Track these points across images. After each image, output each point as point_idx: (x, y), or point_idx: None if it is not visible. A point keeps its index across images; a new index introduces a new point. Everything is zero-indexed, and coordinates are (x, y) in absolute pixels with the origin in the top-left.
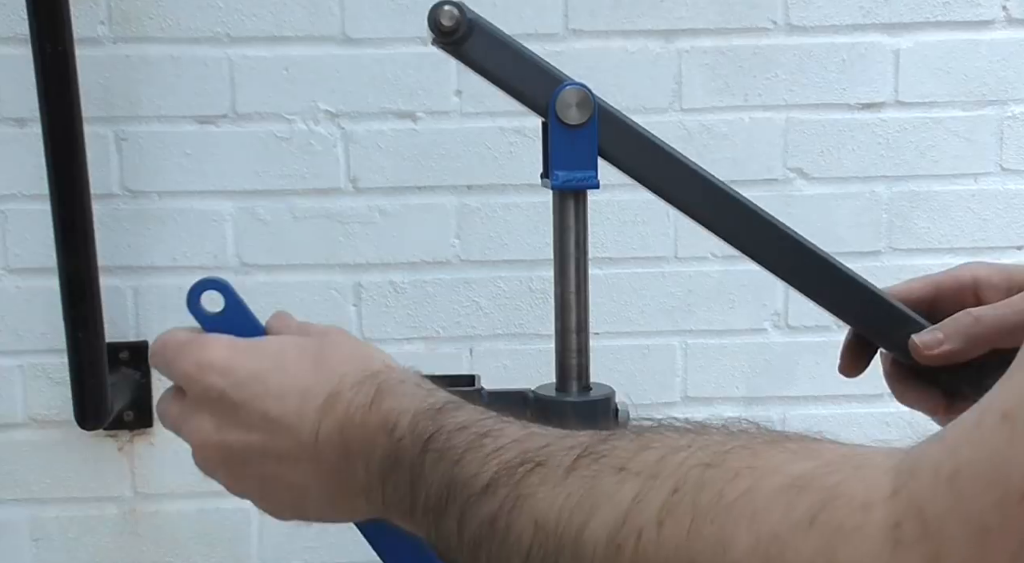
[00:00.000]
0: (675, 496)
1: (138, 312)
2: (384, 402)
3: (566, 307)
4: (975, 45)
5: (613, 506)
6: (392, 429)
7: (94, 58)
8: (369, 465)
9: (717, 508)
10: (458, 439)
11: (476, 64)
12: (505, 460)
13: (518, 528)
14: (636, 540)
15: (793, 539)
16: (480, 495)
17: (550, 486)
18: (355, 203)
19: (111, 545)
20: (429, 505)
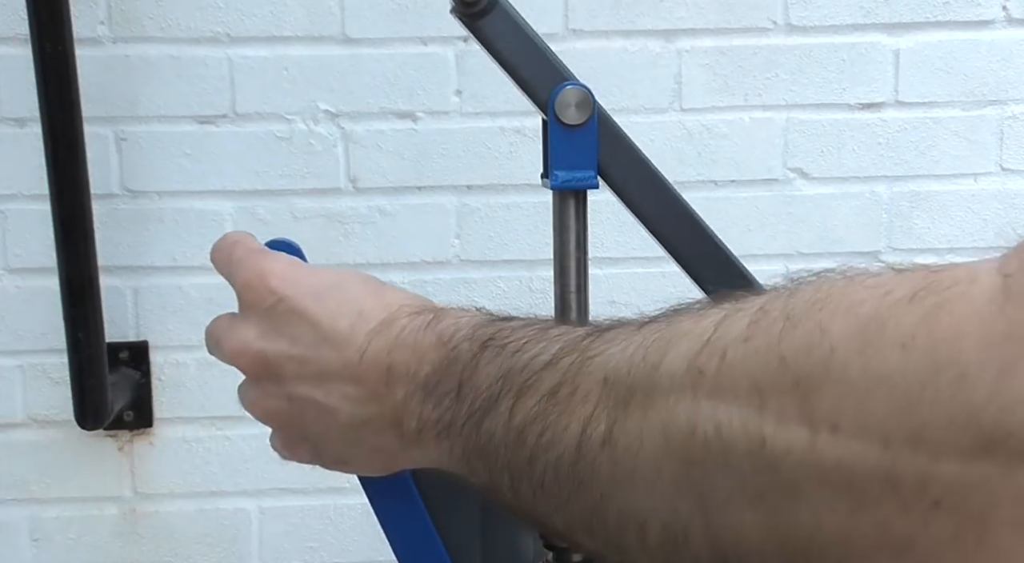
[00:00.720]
0: (762, 311)
1: (138, 312)
2: (442, 322)
3: (566, 307)
4: (975, 45)
5: (693, 337)
6: (447, 340)
7: (94, 58)
8: (411, 385)
9: (810, 307)
10: (519, 334)
11: (489, 42)
12: (571, 337)
13: (583, 390)
14: (720, 360)
15: (892, 315)
16: (541, 371)
17: (620, 341)
18: (355, 203)
19: (111, 545)
20: (475, 407)
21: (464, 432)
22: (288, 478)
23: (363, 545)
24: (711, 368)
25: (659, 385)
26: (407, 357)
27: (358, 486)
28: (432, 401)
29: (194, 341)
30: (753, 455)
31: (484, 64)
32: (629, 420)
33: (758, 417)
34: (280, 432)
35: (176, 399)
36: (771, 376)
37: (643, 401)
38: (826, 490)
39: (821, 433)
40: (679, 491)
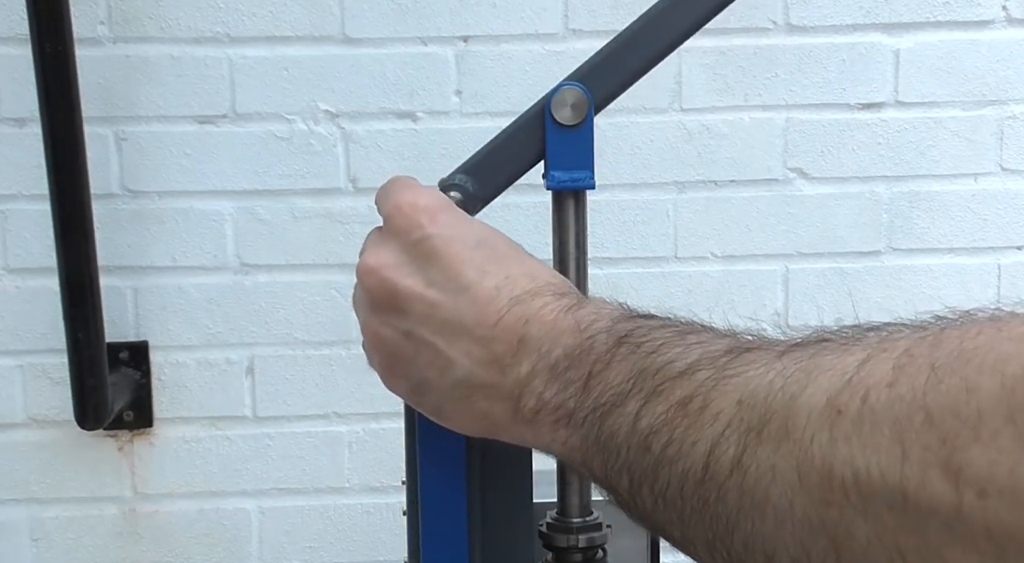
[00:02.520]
0: (907, 355)
1: (138, 312)
2: (583, 309)
3: None
4: (975, 45)
5: (834, 373)
6: (584, 329)
7: (94, 58)
8: (539, 363)
9: (957, 361)
10: (658, 334)
11: None
12: (710, 350)
13: (715, 407)
14: (861, 402)
15: None
16: (675, 379)
17: (759, 365)
18: (355, 203)
19: (111, 545)
20: (602, 401)
21: (585, 425)
22: (288, 478)
23: (363, 545)
24: (852, 410)
25: (796, 418)
26: (542, 333)
27: (358, 486)
28: (557, 385)
29: (194, 341)
30: (895, 509)
31: (484, 64)
32: (761, 449)
33: (899, 470)
34: (384, 361)
35: (176, 399)
36: (915, 430)
37: (777, 432)
38: (972, 555)
39: (968, 496)
40: (812, 531)
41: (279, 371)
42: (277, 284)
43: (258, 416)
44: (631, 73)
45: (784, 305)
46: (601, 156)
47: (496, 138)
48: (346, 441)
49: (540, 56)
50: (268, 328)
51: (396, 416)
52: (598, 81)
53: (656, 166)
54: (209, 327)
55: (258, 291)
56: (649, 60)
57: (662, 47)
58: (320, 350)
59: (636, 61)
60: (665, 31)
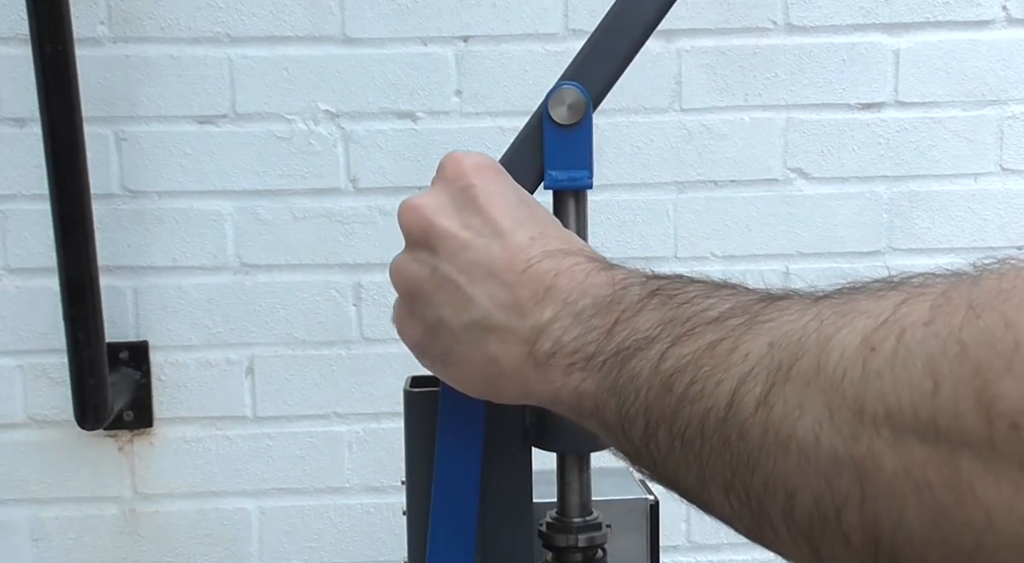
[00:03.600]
0: (944, 297)
1: (138, 312)
2: (616, 270)
3: None
4: (975, 45)
5: (870, 315)
6: (617, 282)
7: (94, 58)
8: (563, 310)
9: (996, 298)
10: (692, 287)
11: None
12: (743, 299)
13: (745, 348)
14: (896, 340)
15: None
16: (706, 325)
17: (793, 311)
18: (355, 203)
19: (111, 545)
20: (624, 345)
21: (604, 368)
22: (288, 478)
23: (363, 545)
24: (887, 347)
25: (828, 356)
26: (571, 285)
27: (358, 486)
28: (578, 329)
29: (194, 341)
30: (926, 442)
31: (484, 64)
32: (789, 386)
33: (931, 403)
34: (406, 300)
35: (176, 399)
36: (949, 362)
37: (807, 369)
38: (1005, 488)
39: (1000, 429)
40: (838, 465)
41: (279, 371)
42: (277, 284)
43: (258, 416)
44: (620, 59)
45: None
46: (601, 156)
47: (505, 153)
48: (346, 441)
49: (540, 56)
50: (268, 328)
51: (396, 416)
52: (590, 75)
53: (656, 166)
54: (209, 327)
55: (258, 291)
56: (634, 43)
57: (644, 27)
58: (320, 350)
59: (622, 47)
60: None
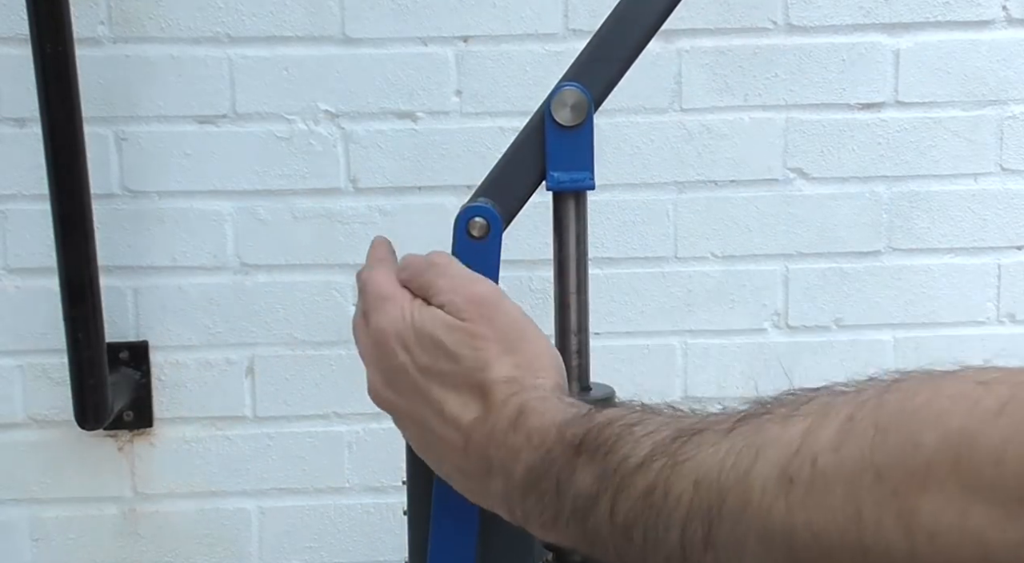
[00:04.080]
0: (851, 422)
1: (138, 312)
2: (528, 420)
3: (566, 308)
4: (975, 45)
5: (782, 445)
6: (538, 445)
7: (94, 58)
8: (508, 484)
9: (900, 417)
10: (607, 433)
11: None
12: (659, 439)
13: (676, 492)
14: (811, 467)
15: (982, 428)
16: (634, 473)
17: (708, 446)
18: (355, 203)
19: (111, 545)
20: (577, 505)
21: (570, 527)
22: (288, 478)
23: (363, 545)
24: (803, 476)
25: (751, 491)
26: (503, 455)
27: (358, 486)
28: (533, 497)
29: (194, 341)
30: (856, 561)
31: (484, 64)
32: (724, 524)
33: (856, 526)
34: (383, 389)
35: (176, 399)
36: (867, 487)
37: (735, 507)
38: None
39: (920, 540)
40: None
41: (279, 371)
42: (277, 284)
43: (258, 416)
44: (622, 61)
45: (784, 305)
46: (601, 156)
47: (505, 154)
48: (346, 441)
49: (540, 56)
50: (268, 328)
51: None
52: (592, 76)
53: (656, 166)
54: (209, 327)
55: (258, 291)
56: (636, 44)
57: (645, 29)
58: (320, 350)
59: (624, 48)
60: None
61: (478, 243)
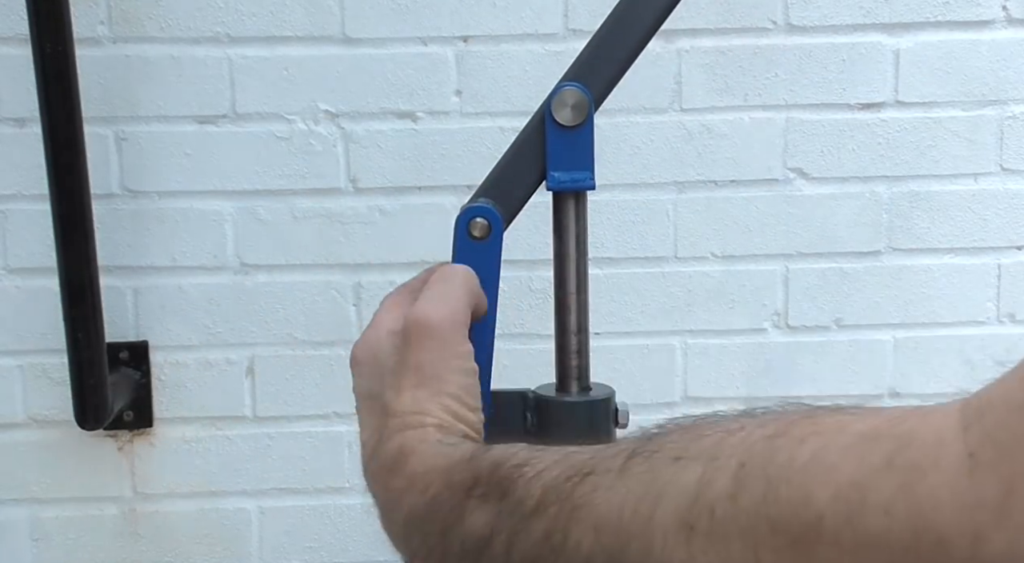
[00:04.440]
0: (744, 470)
1: (138, 312)
2: (409, 464)
3: (565, 308)
4: (975, 45)
5: (679, 492)
6: (423, 490)
7: (94, 58)
8: (391, 520)
9: (791, 471)
10: (496, 476)
11: None
12: (550, 479)
13: (576, 537)
14: (709, 518)
15: (873, 482)
16: (529, 517)
17: (604, 490)
18: (355, 203)
19: (111, 545)
20: (467, 547)
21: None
22: (288, 478)
23: (363, 545)
24: (702, 525)
25: (654, 538)
26: (385, 497)
27: (358, 486)
28: (417, 538)
29: (194, 341)
30: None
31: (484, 64)
32: None
33: None
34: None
35: (176, 399)
36: (763, 538)
37: (639, 553)
38: None
39: None
40: None
41: (279, 371)
42: (277, 284)
43: (258, 416)
44: (622, 61)
45: (784, 305)
46: (601, 156)
47: (505, 154)
48: (346, 441)
49: (540, 56)
50: (268, 328)
51: None
52: (592, 76)
53: (656, 166)
54: (209, 327)
55: (258, 291)
56: (637, 44)
57: (645, 29)
58: (320, 350)
59: (624, 48)
60: (644, 12)
61: (479, 243)
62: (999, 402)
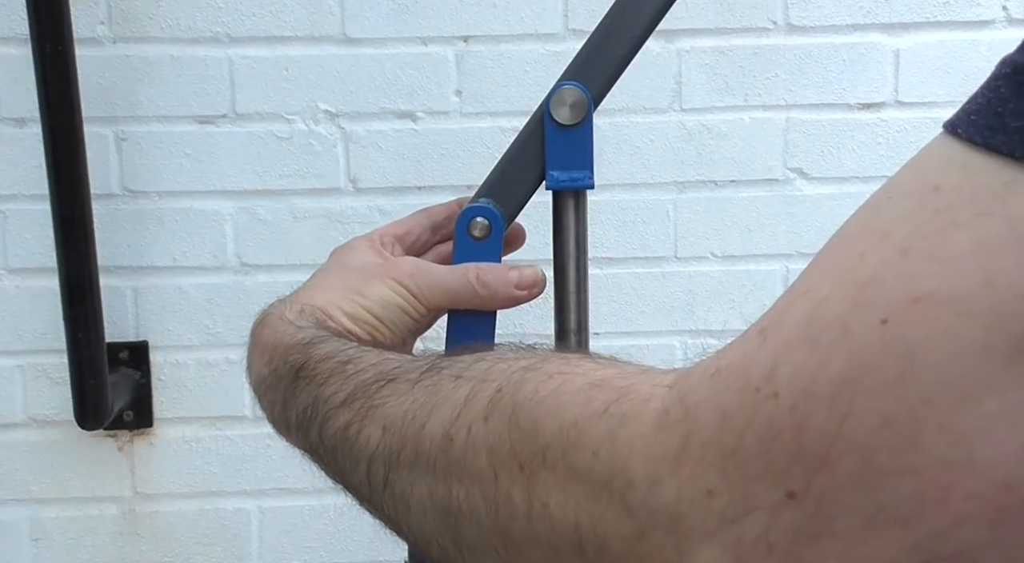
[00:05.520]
0: (499, 394)
1: (138, 312)
2: (261, 334)
3: (565, 308)
4: (975, 45)
5: (449, 406)
6: (269, 360)
7: (94, 58)
8: (258, 380)
9: (531, 403)
10: (323, 366)
11: None
12: (362, 379)
13: (367, 432)
14: (466, 433)
15: (588, 425)
16: (339, 408)
17: (398, 396)
18: (355, 203)
19: (111, 545)
20: (299, 421)
21: (297, 436)
22: (288, 478)
23: (363, 545)
24: (460, 439)
25: (422, 445)
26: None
27: None
28: (267, 402)
29: (194, 341)
30: (491, 517)
31: (484, 64)
32: (401, 470)
33: (493, 488)
34: None
35: (176, 399)
36: (502, 459)
37: (410, 457)
38: (539, 549)
39: (536, 507)
40: (441, 532)
41: None
42: (277, 284)
43: (258, 416)
44: (621, 59)
45: None
46: (601, 156)
47: (505, 154)
48: None
49: (540, 56)
50: None
51: None
52: (591, 75)
53: (656, 166)
54: (209, 327)
55: (258, 291)
56: (635, 43)
57: (643, 27)
58: None
59: (622, 46)
60: (642, 10)
61: (479, 243)
62: (698, 370)
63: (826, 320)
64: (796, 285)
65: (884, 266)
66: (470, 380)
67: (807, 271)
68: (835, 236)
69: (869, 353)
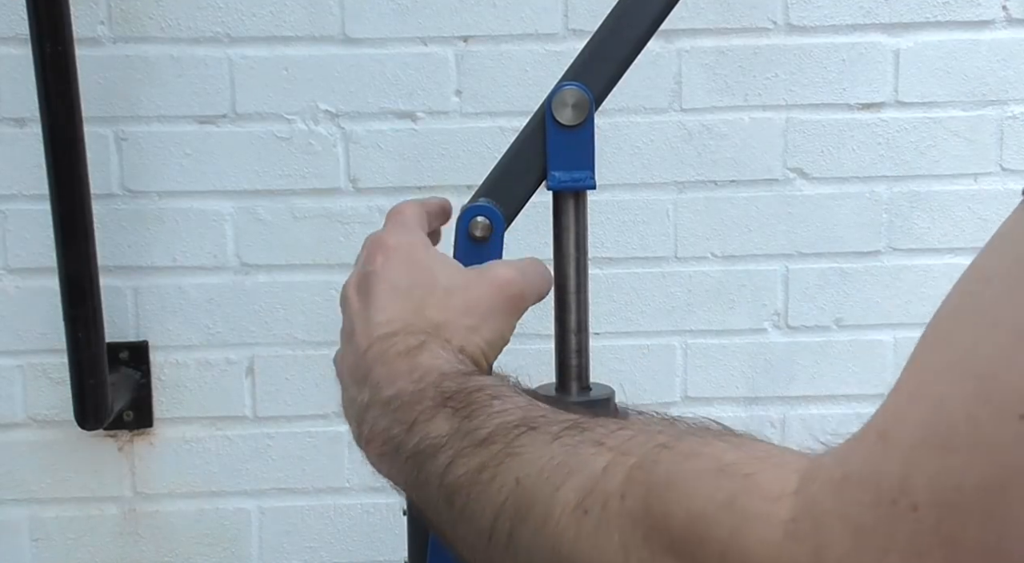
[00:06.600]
0: (636, 471)
1: (138, 312)
2: (420, 356)
3: (566, 308)
4: (975, 45)
5: (586, 474)
6: (418, 379)
7: (94, 58)
8: (375, 395)
9: (663, 487)
10: (474, 398)
11: None
12: (506, 420)
13: (500, 480)
14: (601, 508)
15: (715, 519)
16: (477, 446)
17: (537, 447)
18: (355, 203)
19: (111, 545)
20: (421, 447)
21: (407, 465)
22: (288, 478)
23: (363, 545)
24: (594, 513)
25: (553, 509)
26: (383, 372)
27: (358, 486)
28: (386, 420)
29: (194, 341)
30: None
31: (484, 64)
32: (526, 528)
33: None
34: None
35: (176, 399)
36: (636, 542)
37: (539, 518)
38: None
39: None
40: None
41: (279, 371)
42: (277, 284)
43: (258, 416)
44: (622, 60)
45: (784, 305)
46: (601, 156)
47: (506, 154)
48: (346, 441)
49: (540, 56)
50: (268, 328)
51: None
52: (592, 75)
53: (656, 166)
54: (209, 327)
55: (258, 291)
56: (636, 43)
57: (645, 28)
58: (320, 350)
59: (624, 47)
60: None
61: (480, 243)
62: (823, 475)
63: (953, 420)
64: (904, 382)
65: (1003, 356)
66: (611, 450)
67: (912, 369)
68: (931, 331)
69: (1012, 455)
